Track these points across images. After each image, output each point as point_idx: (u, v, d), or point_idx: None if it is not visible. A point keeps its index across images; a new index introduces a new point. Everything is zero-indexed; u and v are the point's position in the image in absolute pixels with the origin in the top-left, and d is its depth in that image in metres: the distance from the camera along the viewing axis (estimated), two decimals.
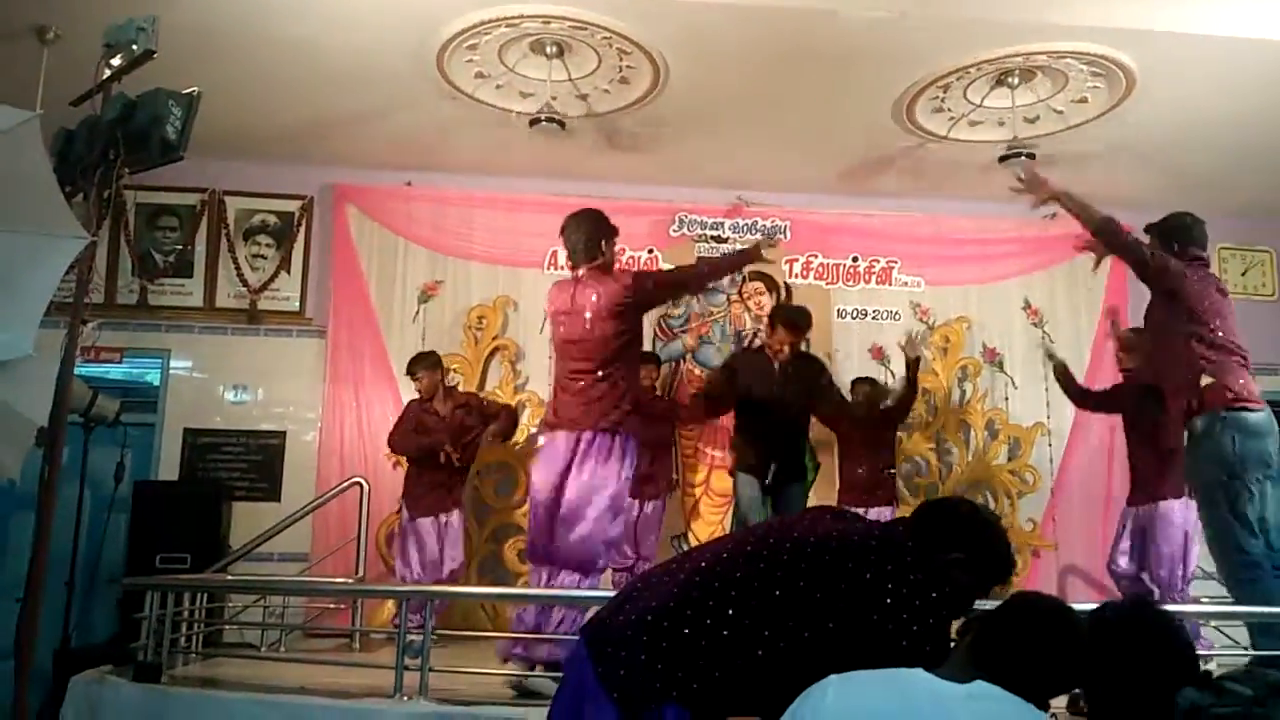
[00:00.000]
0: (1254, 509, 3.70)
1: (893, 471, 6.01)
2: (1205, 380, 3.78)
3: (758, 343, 6.09)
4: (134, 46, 3.25)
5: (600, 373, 4.01)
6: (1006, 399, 6.84)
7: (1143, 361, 4.94)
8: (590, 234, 4.15)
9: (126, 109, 3.26)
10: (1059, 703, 3.63)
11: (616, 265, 4.36)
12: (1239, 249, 7.28)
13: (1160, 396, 4.31)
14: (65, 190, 3.19)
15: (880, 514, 5.61)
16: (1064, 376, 5.70)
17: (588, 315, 4.01)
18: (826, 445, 6.25)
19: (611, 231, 4.24)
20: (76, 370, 3.32)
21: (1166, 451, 4.75)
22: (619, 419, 4.02)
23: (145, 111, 3.22)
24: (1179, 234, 4.08)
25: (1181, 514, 4.85)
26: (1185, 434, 3.96)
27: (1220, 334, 3.85)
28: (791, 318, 5.40)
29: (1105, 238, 4.00)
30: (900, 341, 6.00)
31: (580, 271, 4.15)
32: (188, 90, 3.35)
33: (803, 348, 5.61)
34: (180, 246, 6.54)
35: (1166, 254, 3.98)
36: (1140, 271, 3.99)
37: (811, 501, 5.84)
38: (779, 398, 5.20)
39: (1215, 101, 5.59)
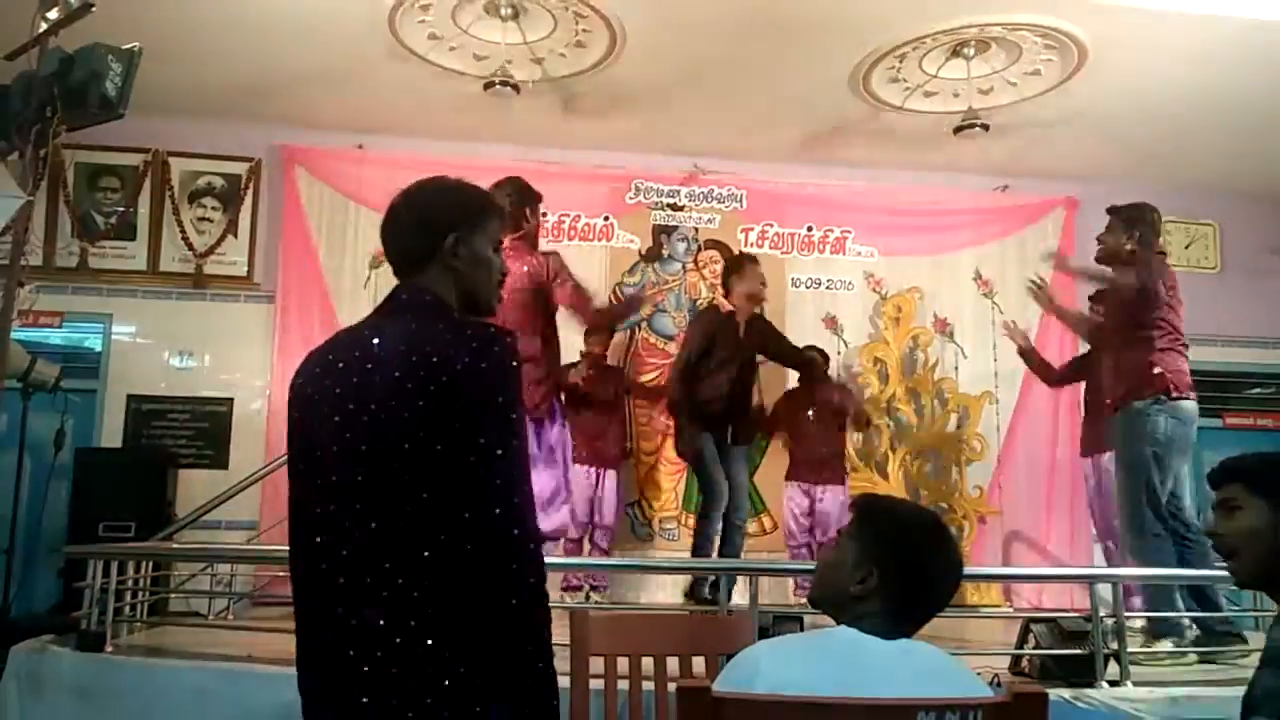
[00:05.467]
0: (1165, 487, 4.10)
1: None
2: (1155, 370, 4.11)
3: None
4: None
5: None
6: (956, 368, 6.92)
7: (1093, 336, 5.04)
8: (514, 204, 4.03)
9: (64, 64, 3.17)
10: (1001, 663, 3.73)
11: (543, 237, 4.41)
12: (1183, 222, 7.39)
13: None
14: None
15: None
16: (1031, 357, 5.75)
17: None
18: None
19: (534, 199, 4.21)
20: (14, 334, 3.23)
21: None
22: (538, 400, 3.99)
23: (83, 67, 3.14)
24: (1143, 226, 4.28)
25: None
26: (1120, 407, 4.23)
27: (1175, 329, 4.19)
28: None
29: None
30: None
31: (505, 241, 4.14)
32: (128, 46, 3.26)
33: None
34: (122, 208, 6.37)
35: (1143, 250, 4.21)
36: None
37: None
38: (742, 354, 5.25)
39: (1164, 76, 5.67)
